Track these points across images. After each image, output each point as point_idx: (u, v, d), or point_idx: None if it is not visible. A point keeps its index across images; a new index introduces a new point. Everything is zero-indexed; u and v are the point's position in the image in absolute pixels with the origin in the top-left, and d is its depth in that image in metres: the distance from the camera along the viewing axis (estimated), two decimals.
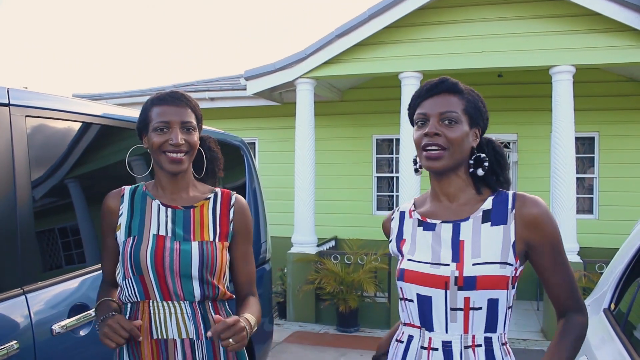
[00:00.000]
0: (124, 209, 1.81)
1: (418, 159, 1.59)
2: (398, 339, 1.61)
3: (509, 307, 1.49)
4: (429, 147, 1.50)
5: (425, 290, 1.49)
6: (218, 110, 9.23)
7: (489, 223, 1.50)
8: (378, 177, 8.94)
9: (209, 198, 1.85)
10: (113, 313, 1.67)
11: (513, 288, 1.49)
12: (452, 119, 1.49)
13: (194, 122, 1.78)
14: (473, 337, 1.46)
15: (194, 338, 1.72)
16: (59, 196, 2.33)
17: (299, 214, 7.40)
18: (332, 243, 8.49)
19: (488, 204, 1.53)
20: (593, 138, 8.10)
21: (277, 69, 7.41)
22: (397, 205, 8.02)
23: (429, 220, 1.58)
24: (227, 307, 1.86)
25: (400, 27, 6.84)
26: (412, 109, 1.59)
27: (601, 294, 2.67)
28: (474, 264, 1.45)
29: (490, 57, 6.58)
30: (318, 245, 7.61)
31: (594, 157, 8.12)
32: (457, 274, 1.45)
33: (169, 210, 1.79)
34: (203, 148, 1.92)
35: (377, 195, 8.94)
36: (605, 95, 7.88)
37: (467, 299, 1.44)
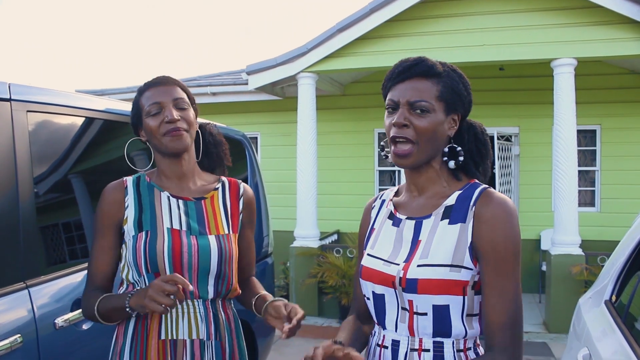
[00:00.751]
0: (130, 201, 1.69)
1: (387, 150, 1.45)
2: (371, 332, 1.54)
3: (473, 315, 1.34)
4: (398, 140, 1.36)
5: (378, 289, 1.41)
6: (220, 105, 9.23)
7: (447, 220, 1.36)
8: (380, 171, 8.94)
9: (217, 188, 1.80)
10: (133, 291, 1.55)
11: (477, 293, 1.33)
12: (423, 108, 1.34)
13: (187, 99, 1.73)
14: (420, 340, 1.35)
15: (204, 339, 1.64)
16: (62, 191, 2.33)
17: (301, 208, 7.41)
18: (335, 237, 8.50)
19: (452, 199, 1.39)
20: (595, 131, 8.09)
21: (279, 63, 7.40)
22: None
23: (397, 215, 1.47)
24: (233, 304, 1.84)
25: (401, 20, 6.83)
26: (384, 90, 1.45)
27: (602, 286, 2.68)
28: (418, 265, 1.33)
29: (491, 50, 6.57)
30: (320, 239, 7.62)
31: (595, 150, 8.11)
32: (402, 274, 1.34)
33: (180, 201, 1.71)
34: (203, 134, 1.86)
35: (380, 189, 8.94)
36: (607, 88, 7.87)
37: (410, 302, 1.34)
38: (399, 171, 8.34)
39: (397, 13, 6.69)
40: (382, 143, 1.52)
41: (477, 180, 1.43)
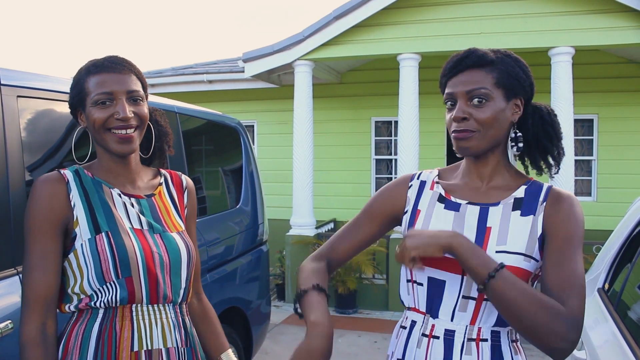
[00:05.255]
0: (76, 199, 1.45)
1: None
2: (402, 324, 1.47)
3: None
4: (459, 134, 1.35)
5: (439, 274, 1.36)
6: (216, 92, 9.20)
7: (519, 212, 1.35)
8: (377, 160, 8.93)
9: (162, 183, 1.64)
10: None
11: (532, 286, 1.33)
12: (481, 96, 1.32)
13: (142, 90, 1.50)
14: (479, 330, 1.32)
15: (178, 346, 1.50)
16: None
17: (297, 197, 7.41)
18: (331, 225, 8.50)
19: (520, 191, 1.38)
20: (592, 120, 8.07)
21: (275, 51, 7.37)
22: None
23: (452, 199, 1.42)
24: None
25: (398, 8, 6.79)
26: (441, 88, 1.42)
27: (596, 274, 2.68)
28: (497, 252, 1.31)
29: (489, 39, 6.53)
30: (317, 228, 7.62)
31: (592, 139, 8.10)
32: None
33: (133, 199, 1.53)
34: (150, 122, 1.60)
35: (376, 178, 8.94)
36: (604, 77, 7.85)
37: None
38: (395, 160, 8.32)
39: (395, 0, 6.65)
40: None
41: (535, 179, 1.43)
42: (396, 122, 7.92)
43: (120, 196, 1.51)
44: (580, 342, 2.28)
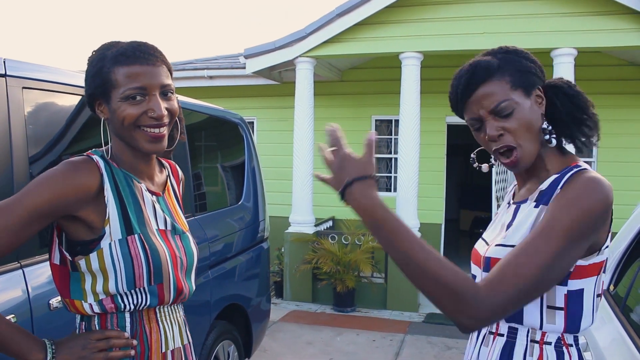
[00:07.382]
0: (109, 193, 1.35)
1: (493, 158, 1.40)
2: None
3: (555, 307, 1.26)
4: (501, 151, 1.31)
5: (474, 269, 1.44)
6: (217, 88, 9.17)
7: (535, 204, 1.31)
8: (377, 158, 8.92)
9: (167, 176, 1.58)
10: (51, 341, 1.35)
11: (563, 284, 1.23)
12: (507, 108, 1.28)
13: (172, 83, 1.40)
14: (497, 324, 1.34)
15: (189, 342, 1.52)
16: None
17: (296, 194, 7.39)
18: (330, 223, 8.49)
19: (547, 183, 1.32)
20: None
21: (277, 47, 7.35)
22: (395, 187, 7.98)
23: (511, 201, 1.46)
24: None
25: (401, 6, 6.78)
26: (456, 111, 1.39)
27: None
28: (496, 245, 1.33)
29: (491, 39, 6.52)
30: (315, 225, 7.61)
31: None
32: (485, 253, 1.37)
33: (154, 197, 1.46)
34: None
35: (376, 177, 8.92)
36: (606, 79, 7.84)
37: None
38: (395, 159, 8.31)
39: None
40: (472, 155, 1.47)
41: (580, 163, 1.32)
42: (397, 120, 7.91)
43: (145, 192, 1.43)
44: (585, 344, 2.27)
